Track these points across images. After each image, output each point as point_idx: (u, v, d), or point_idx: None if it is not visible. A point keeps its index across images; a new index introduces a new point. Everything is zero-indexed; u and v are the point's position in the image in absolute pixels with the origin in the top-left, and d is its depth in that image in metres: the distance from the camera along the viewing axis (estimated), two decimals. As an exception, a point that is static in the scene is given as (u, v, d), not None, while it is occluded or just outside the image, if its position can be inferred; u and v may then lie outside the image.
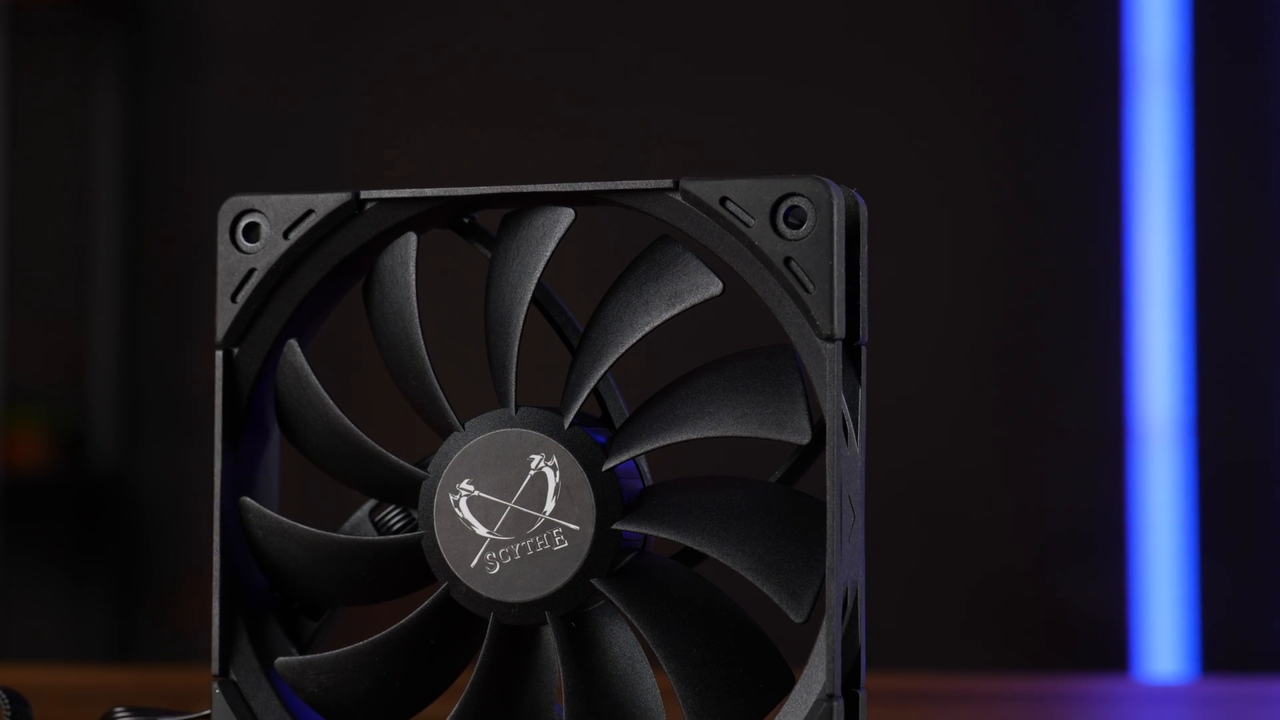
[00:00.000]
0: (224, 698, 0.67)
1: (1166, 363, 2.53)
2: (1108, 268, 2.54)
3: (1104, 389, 2.54)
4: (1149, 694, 1.33)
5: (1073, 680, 1.40)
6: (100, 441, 2.65)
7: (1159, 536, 2.53)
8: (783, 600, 0.61)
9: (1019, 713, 1.09)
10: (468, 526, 0.64)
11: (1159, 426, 2.53)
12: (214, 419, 0.67)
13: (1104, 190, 2.55)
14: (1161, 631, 2.53)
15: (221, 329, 0.67)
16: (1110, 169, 2.54)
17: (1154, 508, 2.54)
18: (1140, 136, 2.55)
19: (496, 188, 0.65)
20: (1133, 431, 2.54)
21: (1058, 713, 1.12)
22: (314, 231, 0.67)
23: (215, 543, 0.67)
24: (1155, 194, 2.55)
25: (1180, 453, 2.53)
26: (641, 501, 0.63)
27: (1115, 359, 2.54)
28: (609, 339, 0.63)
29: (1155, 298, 2.54)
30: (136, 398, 2.69)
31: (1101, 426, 2.54)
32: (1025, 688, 1.24)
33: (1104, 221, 2.54)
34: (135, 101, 2.73)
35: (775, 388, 0.62)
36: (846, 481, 0.63)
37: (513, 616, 0.63)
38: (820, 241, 0.61)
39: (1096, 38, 2.55)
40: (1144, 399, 2.54)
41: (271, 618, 0.68)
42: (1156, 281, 2.54)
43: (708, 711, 0.62)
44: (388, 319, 0.66)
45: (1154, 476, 2.54)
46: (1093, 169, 2.55)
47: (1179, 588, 2.53)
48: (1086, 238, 2.55)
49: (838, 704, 0.61)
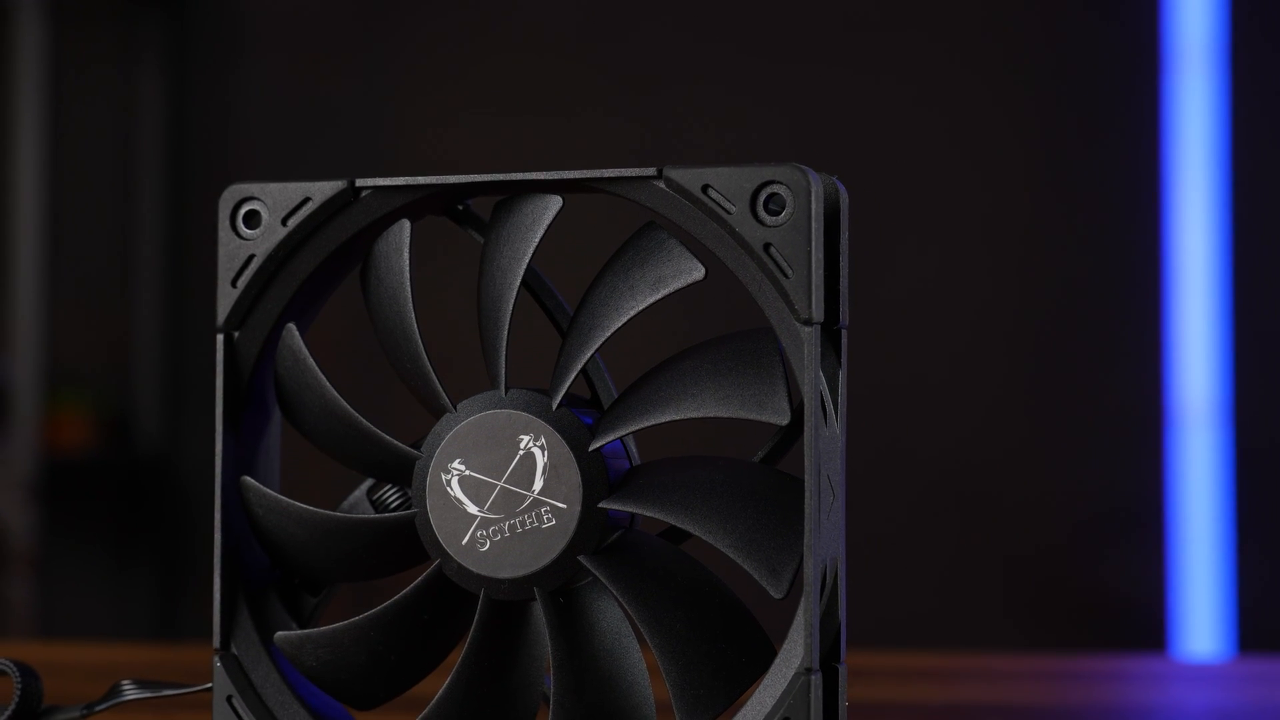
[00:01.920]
0: (225, 670, 0.69)
1: (1203, 346, 2.54)
2: (1145, 252, 2.55)
3: (1141, 372, 2.55)
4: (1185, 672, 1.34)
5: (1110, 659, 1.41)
6: (144, 424, 2.68)
7: (1195, 517, 2.54)
8: (763, 577, 0.63)
9: (1057, 691, 1.10)
10: (459, 505, 0.65)
11: (1195, 409, 2.54)
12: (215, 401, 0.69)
13: (1142, 175, 2.55)
14: (1197, 611, 2.54)
15: (222, 313, 0.70)
16: (1148, 154, 2.55)
17: (1190, 489, 2.55)
18: (1178, 121, 2.55)
19: (486, 176, 0.67)
20: (1169, 414, 2.54)
21: (1095, 691, 1.13)
22: (311, 218, 0.69)
23: (216, 521, 0.69)
24: (1193, 179, 2.55)
25: (1216, 435, 2.53)
26: (627, 481, 0.65)
27: (1152, 342, 2.54)
28: (596, 323, 0.65)
29: (1192, 281, 2.54)
30: (180, 381, 2.72)
31: (1139, 409, 2.55)
32: (1063, 666, 1.26)
33: (1141, 206, 2.55)
34: (178, 86, 2.76)
35: (756, 370, 0.63)
36: (825, 461, 0.64)
37: (503, 592, 0.65)
38: (798, 228, 0.63)
39: (1134, 23, 2.56)
40: (1181, 382, 2.54)
41: (272, 594, 0.70)
42: (1193, 265, 2.55)
43: (690, 685, 0.63)
44: (383, 303, 0.68)
45: (1190, 458, 2.54)
46: (1131, 154, 2.56)
47: (1215, 568, 2.53)
48: (1124, 222, 2.56)
49: (815, 678, 0.63)
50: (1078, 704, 1.05)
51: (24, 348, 2.47)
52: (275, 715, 0.69)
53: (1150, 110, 2.55)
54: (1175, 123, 2.55)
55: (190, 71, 2.78)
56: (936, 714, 0.95)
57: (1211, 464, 2.54)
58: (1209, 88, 2.54)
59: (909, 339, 2.60)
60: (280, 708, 0.69)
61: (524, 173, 0.67)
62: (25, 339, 2.47)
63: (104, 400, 2.66)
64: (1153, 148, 2.55)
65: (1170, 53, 2.55)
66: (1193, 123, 2.55)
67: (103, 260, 2.73)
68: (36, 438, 2.47)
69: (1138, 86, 2.55)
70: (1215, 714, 1.03)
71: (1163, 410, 2.55)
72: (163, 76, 2.76)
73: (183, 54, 2.78)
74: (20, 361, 2.47)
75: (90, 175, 2.76)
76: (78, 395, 2.62)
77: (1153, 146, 2.55)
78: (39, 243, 2.48)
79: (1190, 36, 2.55)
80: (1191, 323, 2.54)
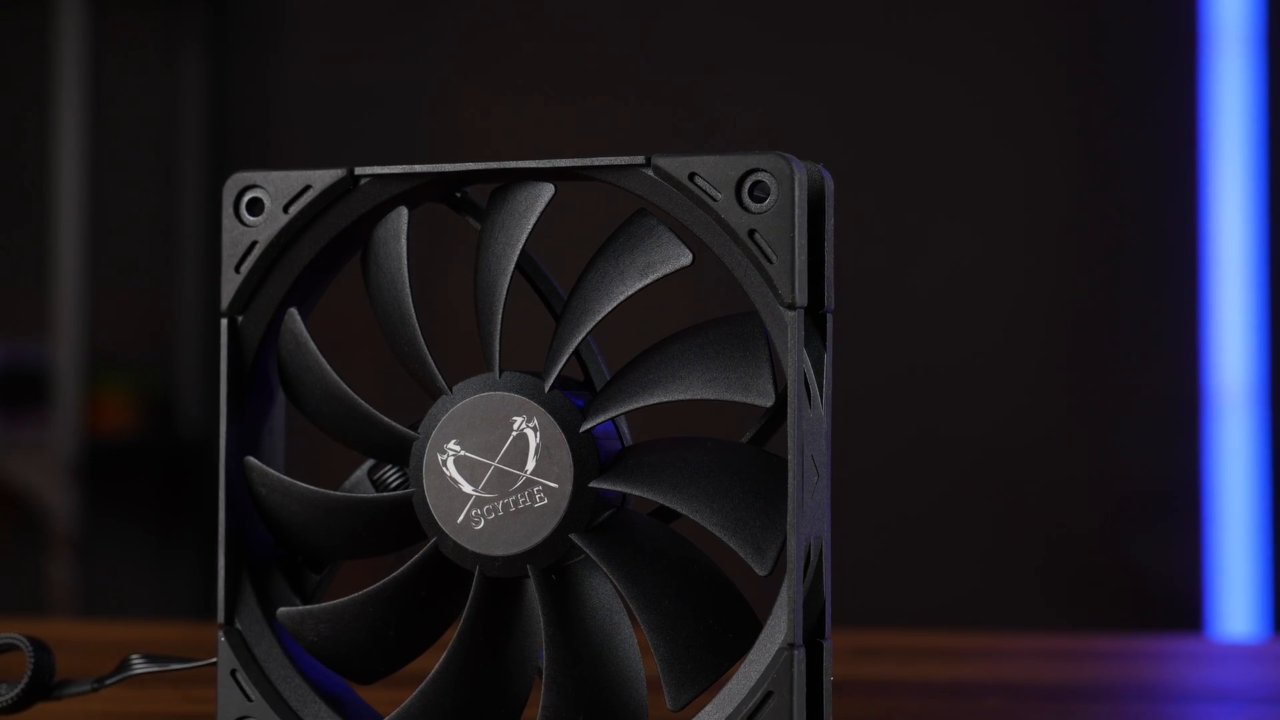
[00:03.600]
0: (229, 645, 0.71)
1: (1240, 328, 2.54)
2: (1183, 234, 2.55)
3: (1178, 355, 2.55)
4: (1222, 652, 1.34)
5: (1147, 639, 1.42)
6: (185, 407, 2.71)
7: (1232, 499, 2.54)
8: (748, 554, 0.64)
9: (1095, 669, 1.11)
10: (454, 484, 0.67)
11: (1232, 391, 2.54)
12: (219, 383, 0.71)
13: (1179, 159, 2.55)
14: (1233, 592, 2.54)
15: (226, 298, 0.71)
16: (1186, 137, 2.55)
17: (1227, 471, 2.55)
18: (1215, 104, 2.55)
19: (480, 164, 0.69)
20: (1207, 396, 2.55)
21: (1133, 669, 1.14)
22: (312, 206, 0.70)
23: (220, 499, 0.71)
24: (1230, 162, 2.55)
25: (1253, 417, 2.54)
26: (618, 461, 0.67)
27: (1190, 325, 2.55)
28: (586, 308, 0.67)
29: (1229, 264, 2.55)
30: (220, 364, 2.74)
31: (1176, 392, 2.55)
32: (1100, 645, 1.27)
33: (1179, 190, 2.55)
34: (218, 72, 2.78)
35: (742, 353, 0.65)
36: (809, 442, 0.66)
37: (496, 569, 0.67)
38: (782, 215, 0.65)
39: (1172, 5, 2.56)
40: (1218, 364, 2.55)
41: (275, 571, 0.72)
42: (1231, 248, 2.55)
43: (679, 660, 0.65)
44: (381, 288, 0.70)
45: (1227, 440, 2.55)
46: (1168, 137, 2.56)
47: (1251, 549, 2.54)
48: (1162, 204, 2.56)
49: (798, 653, 0.64)
50: (1114, 681, 1.06)
51: (66, 332, 2.50)
52: (278, 688, 0.71)
53: (1188, 93, 2.55)
54: (1213, 105, 2.55)
55: (231, 57, 2.81)
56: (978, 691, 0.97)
57: (1248, 446, 2.54)
58: (1247, 70, 2.54)
59: (947, 322, 2.61)
60: (282, 681, 0.71)
61: (517, 161, 0.68)
62: (67, 323, 2.50)
63: (145, 384, 2.69)
64: (1190, 131, 2.55)
65: (1208, 35, 2.55)
66: (1230, 105, 2.55)
67: (144, 244, 2.76)
68: (78, 421, 2.50)
69: (1175, 69, 2.56)
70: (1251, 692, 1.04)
71: (1200, 393, 2.55)
72: (203, 62, 2.78)
73: (223, 40, 2.80)
74: (62, 345, 2.50)
75: (132, 160, 2.78)
76: (119, 379, 2.65)
77: (1190, 129, 2.55)
78: (81, 227, 2.51)
79: (1228, 18, 2.55)
80: (1228, 305, 2.55)
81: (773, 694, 0.64)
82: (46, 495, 2.48)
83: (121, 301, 2.73)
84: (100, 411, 2.60)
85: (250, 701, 0.70)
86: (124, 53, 2.78)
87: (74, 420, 2.49)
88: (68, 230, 2.50)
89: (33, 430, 2.54)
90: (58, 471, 2.48)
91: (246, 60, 2.81)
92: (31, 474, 2.49)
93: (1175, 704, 0.94)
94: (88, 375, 2.53)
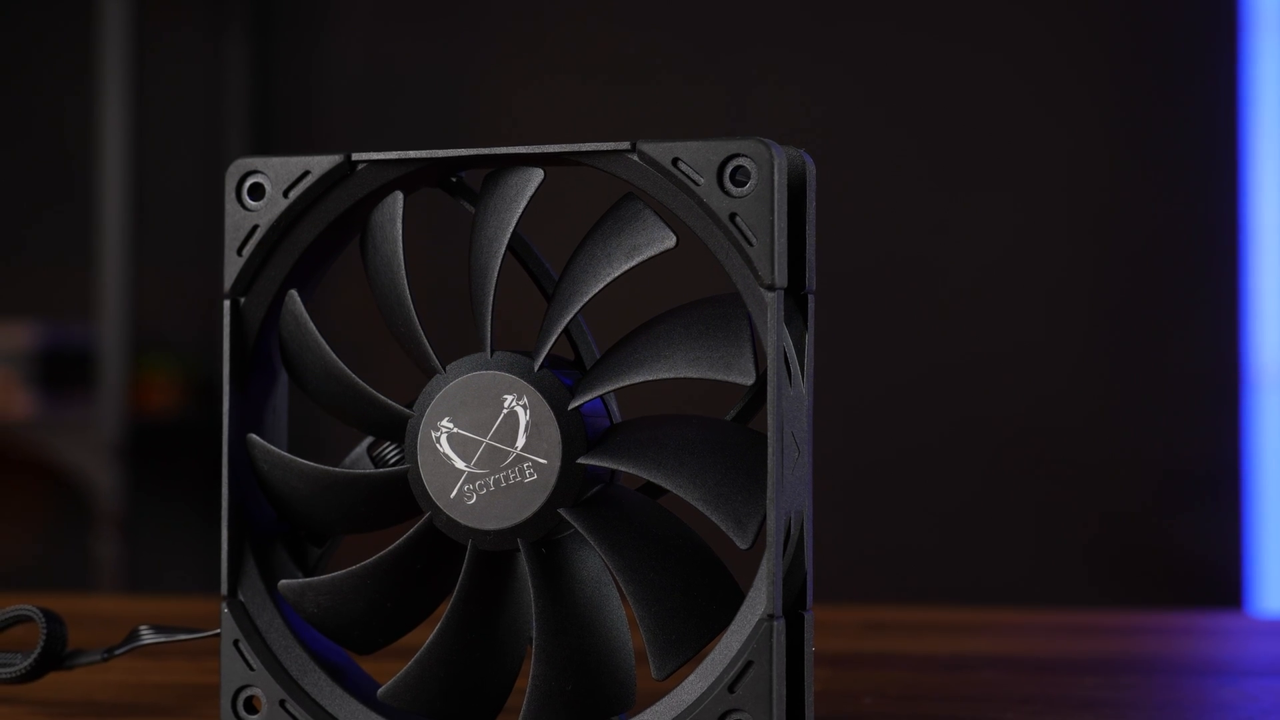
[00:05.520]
0: (231, 616, 0.73)
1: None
2: (1223, 215, 2.55)
3: (1218, 335, 2.56)
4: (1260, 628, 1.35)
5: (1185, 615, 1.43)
6: (229, 387, 2.73)
7: (1271, 478, 2.55)
8: (729, 528, 0.66)
9: (1135, 644, 1.12)
10: (448, 461, 0.69)
11: (1273, 371, 2.54)
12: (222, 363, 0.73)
13: (1219, 137, 2.56)
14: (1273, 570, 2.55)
15: (228, 280, 0.74)
16: (1226, 116, 2.55)
17: (1266, 451, 2.56)
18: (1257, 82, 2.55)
19: (472, 150, 0.71)
20: (1246, 376, 2.55)
21: (1173, 644, 1.15)
22: (311, 190, 0.73)
23: (224, 475, 0.73)
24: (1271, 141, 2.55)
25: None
26: (605, 438, 0.69)
27: (1230, 305, 2.55)
28: (575, 289, 0.69)
29: (1270, 244, 2.55)
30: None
31: (1216, 372, 2.56)
32: (1140, 621, 1.28)
33: (1218, 169, 2.55)
34: (263, 52, 2.80)
35: (725, 334, 0.67)
36: (790, 419, 0.67)
37: (488, 543, 0.69)
38: (762, 199, 0.66)
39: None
40: (1258, 344, 2.55)
41: (278, 544, 0.75)
42: (1271, 228, 2.55)
43: (663, 630, 0.67)
44: (378, 270, 0.72)
45: (1267, 420, 2.55)
46: (1208, 116, 2.56)
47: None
48: (1201, 185, 2.57)
49: (778, 624, 0.66)
50: (1154, 655, 1.08)
51: (111, 313, 2.53)
52: (279, 658, 0.73)
53: (1228, 73, 2.55)
54: (1253, 85, 2.55)
55: (274, 38, 2.83)
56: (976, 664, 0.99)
57: (1286, 426, 2.55)
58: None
59: (988, 303, 2.62)
60: (283, 651, 0.73)
61: (507, 147, 0.70)
62: (112, 304, 2.53)
63: (189, 364, 2.72)
64: (1231, 111, 2.55)
65: (1248, 14, 2.55)
66: (1271, 85, 2.55)
67: (189, 226, 2.79)
68: (123, 401, 2.53)
69: (1216, 48, 2.56)
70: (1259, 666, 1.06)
71: (1239, 373, 2.56)
72: (247, 43, 2.80)
73: (267, 21, 2.82)
74: (107, 326, 2.53)
75: (176, 141, 2.81)
76: (164, 359, 2.68)
77: (1231, 110, 2.55)
78: (125, 209, 2.53)
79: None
80: (1268, 286, 2.55)
81: (753, 663, 0.66)
82: (92, 474, 2.51)
83: (166, 283, 2.75)
84: (145, 392, 2.63)
85: (252, 671, 0.73)
86: (168, 34, 2.80)
87: (119, 400, 2.52)
88: (113, 212, 2.53)
89: (79, 410, 2.57)
90: (103, 451, 2.51)
91: (290, 41, 2.83)
92: (77, 453, 2.52)
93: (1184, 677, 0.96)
94: (132, 356, 2.55)
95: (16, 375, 2.57)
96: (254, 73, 2.81)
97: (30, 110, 2.88)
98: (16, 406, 2.57)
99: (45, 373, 2.58)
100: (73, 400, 2.59)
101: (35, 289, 2.82)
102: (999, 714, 0.80)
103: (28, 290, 2.82)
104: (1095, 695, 0.87)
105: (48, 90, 2.87)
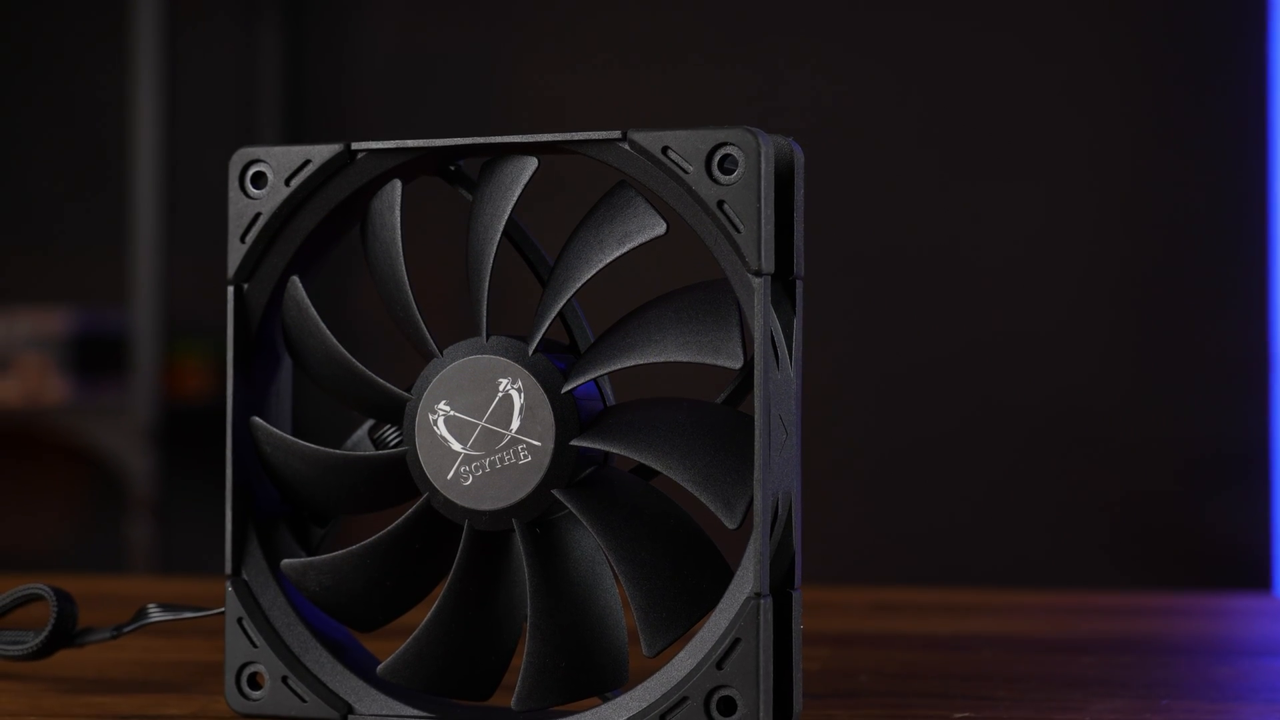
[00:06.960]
0: (235, 595, 0.75)
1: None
2: (1251, 196, 2.56)
3: (1246, 317, 2.56)
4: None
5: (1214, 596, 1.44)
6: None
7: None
8: (718, 509, 0.68)
9: (1163, 625, 1.14)
10: (444, 443, 0.71)
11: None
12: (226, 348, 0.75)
13: (1247, 120, 2.56)
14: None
15: (232, 267, 0.76)
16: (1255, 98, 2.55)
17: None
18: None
19: (468, 139, 0.72)
20: (1275, 359, 2.55)
21: (1201, 625, 1.16)
22: (311, 179, 0.74)
23: (228, 457, 0.75)
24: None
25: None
26: (598, 421, 0.70)
27: (1259, 287, 2.55)
28: (568, 275, 0.70)
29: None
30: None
31: (1245, 354, 2.56)
32: (1168, 602, 1.29)
33: (1246, 153, 2.56)
34: (296, 39, 2.82)
35: (713, 319, 0.68)
36: (777, 402, 0.69)
37: (484, 523, 0.71)
38: (749, 186, 0.68)
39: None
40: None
41: (281, 525, 0.76)
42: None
43: (654, 608, 0.69)
44: (378, 257, 0.74)
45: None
46: (1237, 98, 2.56)
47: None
48: (1230, 169, 2.57)
49: (765, 602, 0.68)
50: (1184, 636, 1.09)
51: (144, 298, 2.54)
52: (281, 636, 0.75)
53: (1257, 55, 2.56)
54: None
55: (308, 24, 2.84)
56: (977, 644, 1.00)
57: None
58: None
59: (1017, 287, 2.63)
60: (286, 629, 0.75)
61: (502, 136, 0.72)
62: (146, 290, 2.54)
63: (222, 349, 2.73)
64: (1260, 92, 2.55)
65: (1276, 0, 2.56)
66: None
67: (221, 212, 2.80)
68: (157, 386, 2.55)
69: (1243, 29, 2.56)
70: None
71: (1269, 355, 2.56)
72: (280, 29, 2.82)
73: (300, 7, 2.84)
74: (141, 312, 2.54)
75: (208, 128, 2.82)
76: (197, 344, 2.70)
77: (1260, 91, 2.55)
78: (159, 195, 2.55)
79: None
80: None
81: (740, 640, 0.68)
82: (126, 459, 2.53)
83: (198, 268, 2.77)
84: (178, 377, 2.65)
85: (255, 648, 0.74)
86: (201, 22, 2.82)
87: (153, 385, 2.54)
88: (146, 198, 2.55)
89: (113, 395, 2.60)
90: (137, 435, 2.53)
91: (323, 27, 2.85)
92: (112, 438, 2.55)
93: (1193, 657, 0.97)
94: (166, 341, 2.57)
95: (51, 361, 2.59)
96: (286, 60, 2.83)
97: (64, 99, 2.90)
98: (52, 392, 2.59)
99: (80, 358, 2.61)
100: (107, 386, 2.61)
101: (69, 276, 2.84)
102: (990, 692, 0.82)
103: (62, 277, 2.85)
104: (1088, 674, 0.88)
105: (81, 79, 2.89)
